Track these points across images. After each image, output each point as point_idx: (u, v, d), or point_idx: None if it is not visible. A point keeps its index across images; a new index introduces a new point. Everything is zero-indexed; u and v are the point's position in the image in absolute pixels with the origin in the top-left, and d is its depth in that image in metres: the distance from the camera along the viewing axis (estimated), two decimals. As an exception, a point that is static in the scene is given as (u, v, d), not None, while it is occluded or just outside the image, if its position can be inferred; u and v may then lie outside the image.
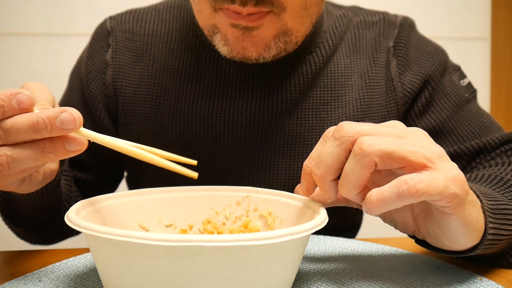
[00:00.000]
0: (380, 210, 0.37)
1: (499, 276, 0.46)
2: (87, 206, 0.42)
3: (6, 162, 0.38)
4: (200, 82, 0.66)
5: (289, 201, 0.46)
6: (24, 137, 0.38)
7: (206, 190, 0.50)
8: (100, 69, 0.70)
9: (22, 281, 0.43)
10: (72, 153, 0.40)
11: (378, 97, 0.68)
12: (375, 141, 0.37)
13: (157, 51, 0.69)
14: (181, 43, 0.68)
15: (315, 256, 0.51)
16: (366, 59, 0.69)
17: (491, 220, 0.42)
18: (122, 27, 0.71)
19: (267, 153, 0.66)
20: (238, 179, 0.66)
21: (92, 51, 0.71)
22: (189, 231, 0.49)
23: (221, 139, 0.66)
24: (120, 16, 0.72)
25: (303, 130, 0.66)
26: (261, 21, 0.55)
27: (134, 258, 0.33)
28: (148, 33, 0.70)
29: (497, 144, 0.65)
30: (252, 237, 0.32)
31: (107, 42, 0.70)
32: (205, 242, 0.31)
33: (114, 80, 0.69)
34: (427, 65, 0.69)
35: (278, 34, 0.57)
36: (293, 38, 0.59)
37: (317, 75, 0.67)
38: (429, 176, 0.36)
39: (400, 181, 0.36)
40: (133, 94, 0.68)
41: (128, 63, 0.69)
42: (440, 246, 0.42)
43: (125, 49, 0.70)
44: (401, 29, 0.71)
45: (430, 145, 0.39)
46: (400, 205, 0.37)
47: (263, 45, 0.57)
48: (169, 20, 0.70)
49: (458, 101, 0.69)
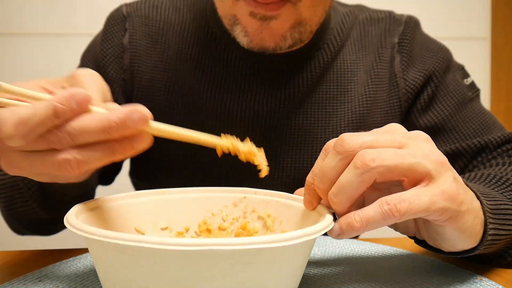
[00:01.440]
0: (362, 231, 0.38)
1: (499, 276, 0.46)
2: (84, 210, 0.41)
3: (76, 165, 0.37)
4: (210, 73, 0.67)
5: (288, 202, 0.46)
6: (93, 139, 0.36)
7: (202, 191, 0.49)
8: (117, 52, 0.70)
9: (22, 281, 0.43)
10: (139, 151, 0.38)
11: (382, 93, 0.69)
12: (377, 156, 0.36)
13: (171, 38, 0.70)
14: (194, 33, 0.69)
15: (316, 256, 0.51)
16: (372, 55, 0.70)
17: (491, 221, 0.41)
18: (138, 12, 0.71)
19: (274, 146, 0.67)
20: (243, 172, 0.66)
21: (108, 35, 0.71)
22: (185, 234, 0.48)
23: (227, 130, 0.66)
24: (136, 2, 0.73)
25: (310, 124, 0.67)
26: (279, 11, 0.57)
27: (143, 263, 0.32)
28: (163, 20, 0.71)
29: (499, 143, 0.65)
30: (267, 239, 0.31)
31: (123, 26, 0.71)
32: (220, 246, 0.30)
33: (132, 64, 0.69)
34: (431, 62, 0.70)
35: (294, 25, 0.59)
36: (307, 27, 0.61)
37: (324, 71, 0.68)
38: (412, 194, 0.37)
39: (381, 201, 0.37)
40: (149, 79, 0.69)
41: (144, 47, 0.70)
42: (439, 248, 0.42)
43: (141, 34, 0.70)
44: (407, 26, 0.72)
45: (432, 153, 0.38)
46: (384, 225, 0.37)
47: (280, 35, 0.59)
48: (183, 9, 0.72)
49: (461, 99, 0.69)
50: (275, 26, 0.58)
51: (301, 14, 0.59)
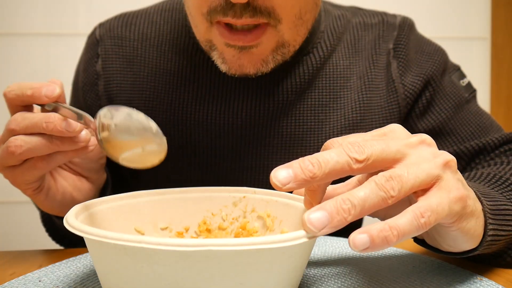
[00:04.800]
0: (394, 244, 0.35)
1: (499, 276, 0.46)
2: (83, 211, 0.41)
3: (19, 146, 0.44)
4: (193, 85, 0.66)
5: (287, 201, 0.46)
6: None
7: (201, 191, 0.49)
8: (92, 80, 0.70)
9: (22, 281, 0.43)
10: (81, 146, 0.46)
11: (378, 99, 0.68)
12: (400, 186, 0.34)
13: (148, 55, 0.68)
14: (173, 46, 0.67)
15: (316, 256, 0.51)
16: (366, 61, 0.69)
17: (491, 222, 0.41)
18: (110, 33, 0.70)
19: (264, 155, 0.66)
20: (235, 182, 0.66)
21: (85, 63, 0.71)
22: (185, 234, 0.48)
23: (217, 141, 0.66)
24: (110, 22, 0.72)
25: (301, 132, 0.66)
26: (259, 39, 0.54)
27: (143, 264, 0.32)
28: (138, 38, 0.69)
29: (497, 144, 0.65)
30: (268, 240, 0.31)
31: (96, 52, 0.70)
32: (220, 246, 0.30)
33: (106, 90, 0.69)
34: (427, 66, 0.69)
35: (276, 48, 0.57)
36: (290, 48, 0.59)
37: (314, 76, 0.66)
38: (436, 203, 0.35)
39: (415, 214, 0.34)
40: (127, 100, 0.68)
41: (119, 70, 0.69)
42: (439, 248, 0.42)
43: (114, 57, 0.69)
44: (401, 31, 0.70)
45: (434, 156, 0.37)
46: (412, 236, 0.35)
47: (261, 60, 0.57)
48: (160, 22, 0.69)
49: (458, 101, 0.68)
50: (256, 52, 0.56)
51: (283, 36, 0.56)
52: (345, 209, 0.33)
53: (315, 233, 0.33)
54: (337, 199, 0.34)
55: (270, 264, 0.33)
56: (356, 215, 0.34)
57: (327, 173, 0.35)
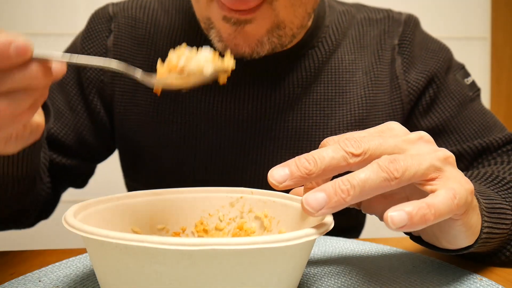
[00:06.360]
0: (430, 224, 0.34)
1: (499, 275, 0.46)
2: (80, 211, 0.41)
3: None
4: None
5: (285, 202, 0.45)
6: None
7: (198, 191, 0.49)
8: (99, 53, 0.68)
9: (22, 281, 0.43)
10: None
11: (382, 95, 0.68)
12: (403, 167, 0.35)
13: (159, 41, 0.68)
14: (183, 35, 0.67)
15: (316, 256, 0.51)
16: (371, 56, 0.69)
17: (486, 220, 0.42)
18: (125, 13, 0.69)
19: (269, 149, 0.66)
20: (239, 175, 0.66)
21: (91, 33, 0.69)
22: (182, 234, 0.48)
23: (222, 133, 0.65)
24: (123, 2, 0.71)
25: (307, 126, 0.66)
26: (254, 14, 0.54)
27: (144, 263, 0.32)
28: (151, 22, 0.69)
29: (500, 144, 0.65)
30: (269, 239, 0.31)
31: (108, 27, 0.69)
32: (222, 245, 0.30)
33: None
34: (432, 63, 0.69)
35: (271, 29, 0.57)
36: (287, 30, 0.58)
37: (320, 70, 0.66)
38: (457, 187, 0.35)
39: (450, 193, 0.34)
40: (133, 83, 0.67)
41: (130, 50, 0.68)
42: (435, 245, 0.42)
43: (127, 36, 0.68)
44: (406, 27, 0.70)
45: (435, 151, 0.38)
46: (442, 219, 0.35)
47: (256, 41, 0.57)
48: (172, 11, 0.70)
49: (462, 99, 0.68)
50: (251, 31, 0.56)
51: (279, 16, 0.56)
52: (344, 189, 0.33)
53: (313, 214, 0.33)
54: (336, 180, 0.34)
55: (272, 263, 0.33)
56: (355, 196, 0.33)
57: (323, 169, 0.35)
